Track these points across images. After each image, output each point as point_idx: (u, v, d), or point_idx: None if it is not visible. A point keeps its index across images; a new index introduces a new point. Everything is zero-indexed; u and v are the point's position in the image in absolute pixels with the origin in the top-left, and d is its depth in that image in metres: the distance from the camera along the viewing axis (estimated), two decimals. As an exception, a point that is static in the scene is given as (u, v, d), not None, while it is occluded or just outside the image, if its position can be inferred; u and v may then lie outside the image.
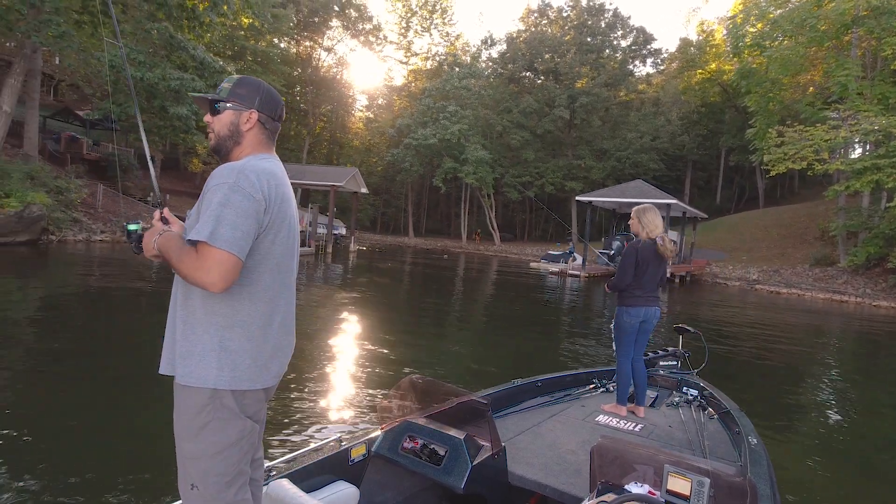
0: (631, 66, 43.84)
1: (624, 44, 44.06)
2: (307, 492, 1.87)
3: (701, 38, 42.77)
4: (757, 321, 12.57)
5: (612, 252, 22.97)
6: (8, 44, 20.11)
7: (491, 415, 2.28)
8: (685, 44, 44.31)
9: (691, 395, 3.73)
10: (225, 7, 15.49)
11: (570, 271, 22.55)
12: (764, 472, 2.27)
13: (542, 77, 44.32)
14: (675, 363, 4.17)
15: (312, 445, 2.22)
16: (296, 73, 45.81)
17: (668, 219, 22.32)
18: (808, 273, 23.18)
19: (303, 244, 23.47)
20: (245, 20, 20.86)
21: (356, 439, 2.32)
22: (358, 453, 2.25)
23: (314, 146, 48.35)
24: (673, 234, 25.59)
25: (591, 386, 3.84)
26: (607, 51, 42.90)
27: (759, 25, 25.94)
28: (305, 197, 37.74)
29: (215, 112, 1.41)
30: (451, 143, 39.39)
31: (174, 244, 1.28)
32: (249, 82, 1.43)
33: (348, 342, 6.94)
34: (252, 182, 1.26)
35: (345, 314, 9.18)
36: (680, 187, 45.19)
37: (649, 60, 45.51)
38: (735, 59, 29.23)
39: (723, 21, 38.37)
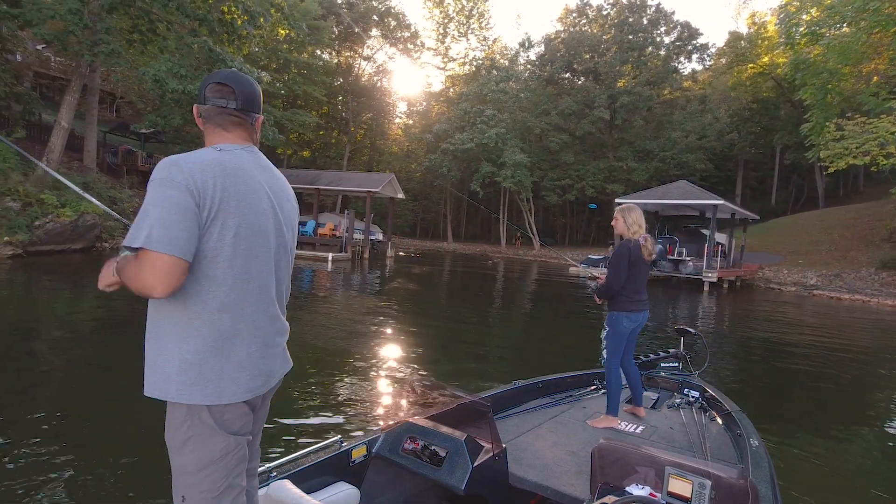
0: (675, 63, 42.15)
1: (667, 40, 42.49)
2: (308, 493, 1.84)
3: (752, 30, 40.67)
4: (816, 330, 11.63)
5: (655, 256, 22.04)
6: (70, 63, 21.44)
7: (492, 416, 2.29)
8: (734, 37, 42.23)
9: (692, 396, 3.68)
10: (262, 20, 16.02)
11: (610, 276, 21.73)
12: (765, 474, 2.22)
13: (582, 77, 43.41)
14: (676, 365, 4.12)
15: (313, 446, 2.19)
16: (337, 82, 46.93)
17: (715, 220, 21.18)
18: (873, 277, 21.38)
19: (339, 250, 23.90)
20: (282, 31, 21.50)
21: (357, 440, 2.31)
22: (359, 454, 2.24)
23: (355, 153, 49.28)
24: (721, 237, 24.28)
25: (593, 387, 3.79)
26: (650, 48, 41.47)
27: (815, 12, 24.32)
28: (345, 203, 38.49)
29: None
30: (489, 148, 39.18)
31: (124, 262, 1.20)
32: (205, 79, 1.37)
33: (360, 344, 6.87)
34: (185, 173, 1.16)
35: (365, 317, 9.14)
36: (731, 188, 43.03)
37: (695, 56, 43.67)
38: (788, 50, 27.51)
39: (776, 12, 36.31)
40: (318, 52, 43.52)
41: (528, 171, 39.69)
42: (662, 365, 4.12)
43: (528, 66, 46.80)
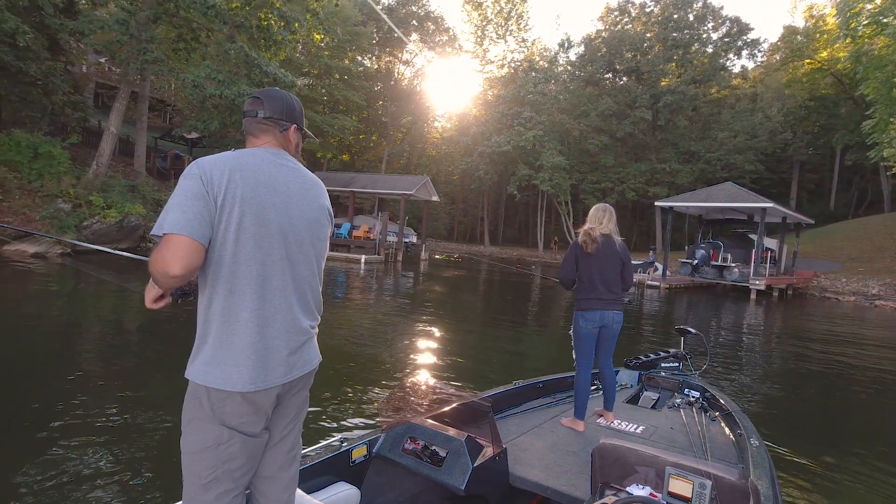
0: (723, 60, 40.14)
1: (715, 36, 40.57)
2: (308, 493, 1.84)
3: (809, 24, 38.35)
4: (881, 349, 10.67)
5: (696, 261, 20.99)
6: (118, 71, 22.63)
7: (492, 416, 2.30)
8: (790, 32, 39.93)
9: (693, 396, 3.68)
10: (296, 25, 16.37)
11: (649, 282, 20.90)
12: (766, 474, 2.20)
13: (624, 77, 42.15)
14: (676, 365, 4.09)
15: (313, 446, 2.16)
16: (377, 87, 47.59)
17: (763, 224, 19.96)
18: (945, 288, 19.58)
19: (373, 252, 24.09)
20: (317, 36, 21.96)
21: (357, 440, 2.30)
22: (359, 454, 2.24)
23: (393, 157, 49.81)
24: (771, 242, 22.89)
25: (594, 388, 3.71)
26: (695, 45, 39.74)
27: (880, 0, 22.59)
28: (383, 207, 38.84)
29: None
30: (526, 150, 38.66)
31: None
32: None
33: (371, 346, 6.76)
34: (200, 167, 1.29)
35: (383, 319, 9.05)
36: (785, 191, 40.67)
37: (745, 53, 41.48)
38: (849, 43, 25.67)
39: (836, 3, 34.08)
40: (359, 57, 44.33)
41: (567, 174, 38.87)
42: (663, 365, 4.08)
43: (568, 67, 45.91)
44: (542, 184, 38.03)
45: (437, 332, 8.24)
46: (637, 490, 1.76)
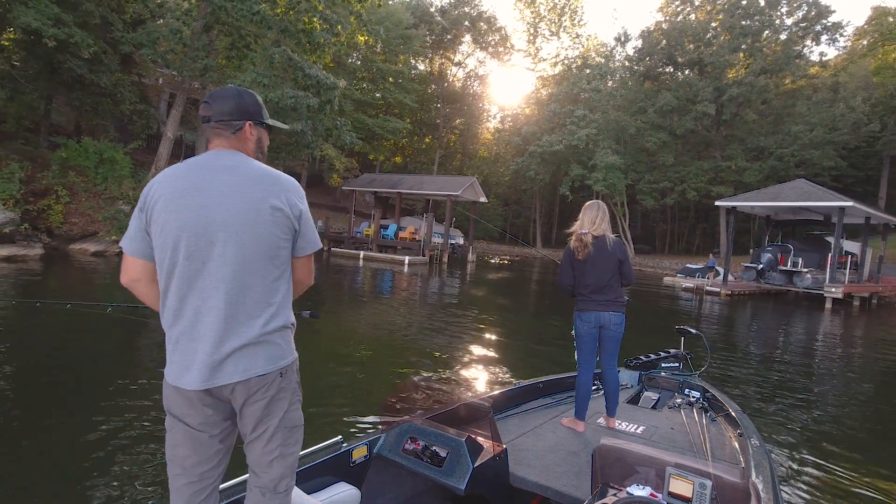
0: (798, 48, 36.82)
1: (789, 21, 37.33)
2: (308, 493, 1.84)
3: (902, 3, 34.53)
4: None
5: (761, 266, 19.27)
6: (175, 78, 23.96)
7: (493, 416, 2.31)
8: (879, 13, 36.16)
9: (693, 396, 3.66)
10: (339, 27, 16.57)
11: (709, 287, 19.43)
12: (766, 474, 2.19)
13: (687, 69, 39.75)
14: (676, 365, 4.07)
15: (314, 446, 2.13)
16: (430, 89, 47.80)
17: (841, 226, 17.98)
18: None
19: (418, 253, 24.04)
20: (361, 38, 22.21)
21: (358, 440, 2.30)
22: (359, 454, 2.25)
23: (445, 158, 49.84)
24: (851, 246, 20.64)
25: (594, 388, 3.63)
26: (767, 32, 36.74)
27: None
28: (435, 208, 38.88)
29: None
30: (579, 149, 37.38)
31: None
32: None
33: (375, 346, 6.52)
34: (149, 184, 1.42)
35: (405, 320, 8.80)
36: (872, 189, 36.81)
37: (824, 38, 37.94)
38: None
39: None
40: (412, 60, 44.73)
41: (622, 174, 37.18)
42: (663, 365, 4.06)
43: (626, 63, 44.01)
44: (596, 184, 36.60)
45: (450, 335, 7.87)
46: (637, 490, 1.74)
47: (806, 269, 18.80)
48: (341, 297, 11.81)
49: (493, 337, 8.26)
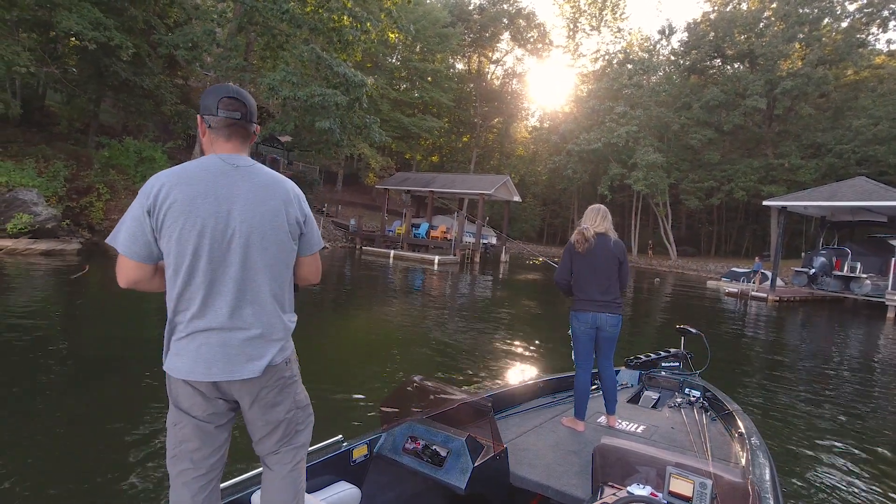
0: (862, 36, 34.10)
1: (851, 8, 34.64)
2: (308, 492, 1.85)
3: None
4: None
5: (813, 270, 17.88)
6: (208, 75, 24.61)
7: (493, 416, 2.31)
8: (956, -3, 33.05)
9: (693, 396, 3.65)
10: (368, 25, 16.53)
11: (754, 293, 18.22)
12: (766, 473, 2.20)
13: (737, 62, 37.64)
14: (677, 364, 4.07)
15: (314, 445, 2.10)
16: (468, 88, 47.47)
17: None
18: None
19: (449, 252, 23.78)
20: (392, 35, 22.17)
21: (358, 440, 2.29)
22: (360, 454, 2.25)
23: (482, 157, 49.38)
24: None
25: (594, 387, 3.63)
26: (826, 20, 34.26)
27: None
28: (472, 208, 38.57)
29: None
30: (619, 147, 36.12)
31: None
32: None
33: (378, 347, 6.28)
34: (149, 187, 1.38)
35: (407, 319, 8.52)
36: (946, 188, 33.75)
37: (893, 24, 35.14)
38: None
39: None
40: (450, 59, 44.53)
41: (664, 173, 35.64)
42: (663, 364, 4.06)
43: (670, 57, 42.19)
44: (636, 183, 35.24)
45: (453, 337, 7.53)
46: (638, 490, 1.73)
47: (865, 275, 17.30)
48: (359, 295, 11.69)
49: (507, 338, 7.87)
